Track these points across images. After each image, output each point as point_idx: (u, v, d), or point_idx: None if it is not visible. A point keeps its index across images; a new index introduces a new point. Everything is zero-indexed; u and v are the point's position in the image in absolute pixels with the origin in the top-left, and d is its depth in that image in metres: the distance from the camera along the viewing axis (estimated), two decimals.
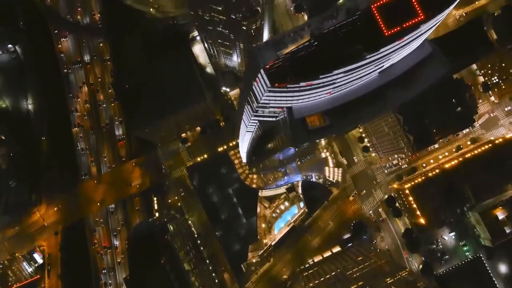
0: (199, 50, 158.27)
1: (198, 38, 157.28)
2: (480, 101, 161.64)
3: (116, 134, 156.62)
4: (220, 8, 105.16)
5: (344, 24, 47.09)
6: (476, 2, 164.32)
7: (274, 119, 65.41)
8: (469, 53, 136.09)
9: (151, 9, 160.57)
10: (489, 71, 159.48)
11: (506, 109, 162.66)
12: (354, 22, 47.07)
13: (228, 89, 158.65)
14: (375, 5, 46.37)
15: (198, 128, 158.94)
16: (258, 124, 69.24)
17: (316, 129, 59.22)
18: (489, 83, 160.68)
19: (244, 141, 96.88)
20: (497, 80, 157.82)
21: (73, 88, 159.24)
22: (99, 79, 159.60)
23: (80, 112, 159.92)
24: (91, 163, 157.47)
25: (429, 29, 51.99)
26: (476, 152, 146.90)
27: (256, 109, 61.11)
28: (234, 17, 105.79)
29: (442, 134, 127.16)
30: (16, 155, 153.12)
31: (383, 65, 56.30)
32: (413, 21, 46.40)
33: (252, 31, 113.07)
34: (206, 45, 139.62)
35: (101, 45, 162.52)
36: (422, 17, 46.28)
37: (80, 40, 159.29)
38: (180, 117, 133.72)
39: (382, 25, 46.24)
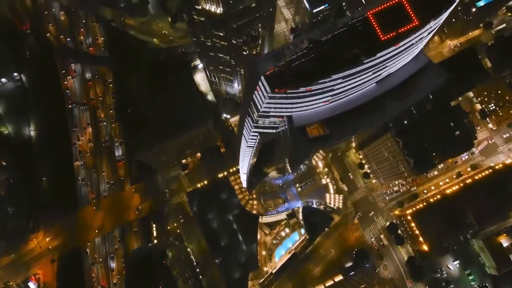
0: (200, 78, 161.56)
1: (199, 66, 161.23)
2: (479, 128, 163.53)
3: (116, 154, 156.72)
4: (221, 34, 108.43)
5: (341, 31, 48.96)
6: (470, 33, 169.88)
7: (274, 130, 66.23)
8: (464, 80, 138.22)
9: (155, 39, 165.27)
10: (486, 98, 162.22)
11: (504, 136, 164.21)
12: (351, 28, 49.01)
13: (228, 116, 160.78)
14: (371, 12, 48.50)
15: (199, 154, 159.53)
16: (258, 137, 69.92)
17: (316, 137, 60.00)
18: (486, 110, 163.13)
19: (245, 160, 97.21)
20: (494, 107, 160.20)
21: (76, 122, 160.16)
22: (100, 98, 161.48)
23: (81, 141, 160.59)
24: (90, 189, 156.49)
25: (425, 37, 53.89)
26: (477, 177, 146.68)
27: (257, 119, 61.95)
28: (235, 42, 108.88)
29: (442, 158, 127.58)
30: (16, 181, 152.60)
31: (381, 74, 57.74)
32: (408, 27, 48.38)
33: (252, 57, 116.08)
34: (207, 72, 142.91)
35: (100, 47, 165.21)
36: (417, 23, 48.24)
37: (86, 82, 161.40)
38: (181, 141, 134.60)
39: (378, 31, 48.16)
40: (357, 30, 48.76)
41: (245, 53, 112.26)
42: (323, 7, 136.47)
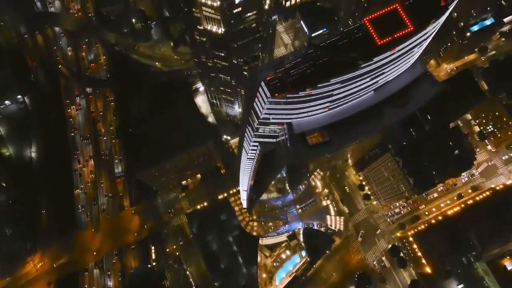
0: (201, 100, 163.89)
1: (201, 89, 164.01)
2: (478, 150, 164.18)
3: (116, 171, 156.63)
4: (222, 54, 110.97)
5: (340, 37, 50.69)
6: (465, 57, 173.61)
7: (274, 139, 66.98)
8: (461, 101, 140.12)
9: (157, 63, 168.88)
10: (484, 120, 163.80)
11: (504, 157, 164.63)
12: (349, 33, 50.77)
13: (229, 137, 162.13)
14: (367, 18, 50.45)
15: (199, 175, 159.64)
16: (258, 147, 70.57)
17: (315, 144, 60.80)
18: (484, 132, 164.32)
19: (245, 175, 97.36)
20: (492, 128, 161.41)
21: (78, 148, 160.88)
22: (101, 113, 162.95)
23: (82, 166, 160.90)
24: (89, 213, 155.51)
25: (421, 44, 55.62)
26: (478, 198, 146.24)
27: (257, 127, 62.76)
28: (235, 62, 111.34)
29: (442, 176, 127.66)
30: (15, 203, 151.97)
31: (378, 80, 59.13)
32: (403, 32, 50.18)
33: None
34: (208, 93, 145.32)
35: (102, 69, 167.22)
36: (411, 28, 50.05)
37: (90, 114, 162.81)
38: (182, 161, 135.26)
39: (374, 35, 49.90)
40: (354, 36, 50.52)
41: (245, 73, 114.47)
42: (321, 31, 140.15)
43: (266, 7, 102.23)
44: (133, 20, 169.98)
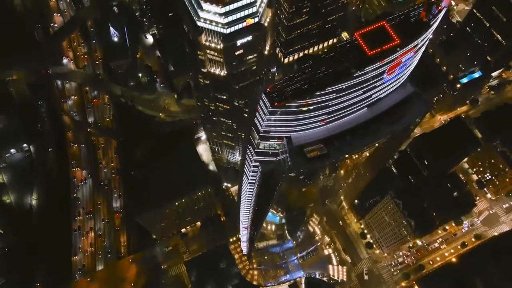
0: (203, 149, 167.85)
1: (202, 138, 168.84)
2: (478, 198, 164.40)
3: (114, 206, 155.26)
4: (224, 97, 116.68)
5: (334, 50, 55.38)
6: (458, 109, 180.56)
7: (274, 158, 69.25)
8: (458, 148, 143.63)
9: (161, 114, 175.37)
10: (481, 168, 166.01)
11: (504, 206, 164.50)
12: (342, 47, 55.57)
13: (229, 185, 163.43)
14: (358, 33, 55.61)
15: (199, 223, 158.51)
16: (259, 168, 72.40)
17: (314, 157, 63.25)
18: (483, 180, 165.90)
19: (245, 205, 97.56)
20: (490, 176, 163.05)
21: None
22: (102, 145, 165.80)
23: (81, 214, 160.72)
24: (85, 261, 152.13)
25: (411, 58, 60.35)
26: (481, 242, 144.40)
27: (258, 142, 65.48)
28: (236, 104, 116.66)
29: (443, 218, 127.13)
30: (11, 251, 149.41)
31: (371, 95, 63.02)
32: (391, 45, 55.05)
33: None
34: (210, 140, 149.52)
35: (107, 119, 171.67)
36: (398, 41, 54.96)
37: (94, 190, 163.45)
38: (182, 204, 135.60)
39: (365, 47, 54.67)
40: (347, 49, 55.36)
41: (246, 115, 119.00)
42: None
43: (266, 52, 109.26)
44: (140, 75, 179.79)
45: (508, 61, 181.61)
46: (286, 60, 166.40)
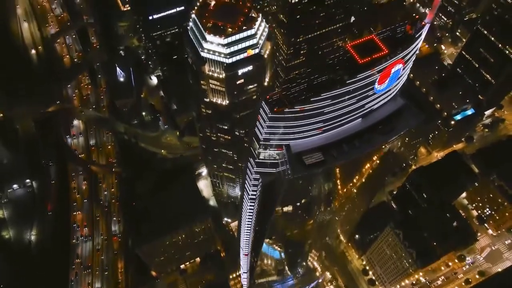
0: (203, 185, 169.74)
1: (203, 174, 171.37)
2: (479, 234, 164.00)
3: (112, 229, 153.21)
4: (226, 127, 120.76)
5: (329, 61, 60.17)
6: (454, 146, 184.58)
7: (274, 169, 71.77)
8: (455, 181, 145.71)
9: (162, 151, 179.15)
10: (480, 204, 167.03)
11: (506, 242, 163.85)
12: (335, 58, 60.40)
13: (229, 220, 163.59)
14: (349, 45, 60.76)
15: (198, 259, 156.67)
16: (260, 181, 74.49)
17: (312, 163, 66.09)
18: (483, 215, 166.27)
19: (246, 228, 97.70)
20: (489, 211, 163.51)
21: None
22: (103, 182, 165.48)
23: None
24: None
25: (400, 70, 64.86)
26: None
27: (258, 152, 68.45)
28: (237, 133, 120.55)
29: (444, 248, 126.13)
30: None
31: (364, 104, 66.96)
32: (380, 54, 59.91)
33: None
34: (210, 173, 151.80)
35: (109, 147, 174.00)
36: (386, 51, 59.85)
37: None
38: (182, 236, 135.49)
39: (356, 57, 59.47)
40: (341, 59, 60.19)
41: (246, 145, 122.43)
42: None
43: (265, 84, 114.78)
44: (143, 113, 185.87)
45: (500, 100, 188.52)
46: None
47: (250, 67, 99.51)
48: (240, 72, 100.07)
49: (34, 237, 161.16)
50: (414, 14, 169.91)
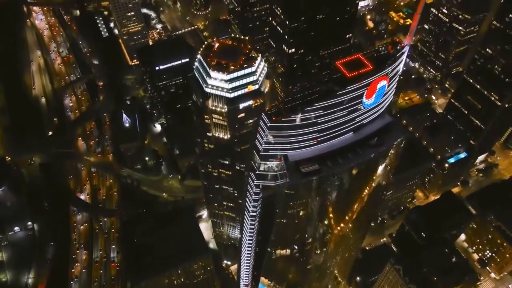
0: (204, 227, 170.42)
1: (203, 216, 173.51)
2: (482, 278, 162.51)
3: (111, 256, 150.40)
4: (227, 162, 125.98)
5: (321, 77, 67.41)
6: (451, 190, 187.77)
7: (273, 182, 76.04)
8: (452, 220, 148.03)
9: (164, 194, 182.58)
10: (480, 246, 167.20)
11: (510, 286, 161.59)
12: (326, 74, 67.66)
13: (229, 262, 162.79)
14: (338, 62, 68.35)
15: None
16: (260, 195, 78.13)
17: (308, 172, 70.83)
18: (484, 258, 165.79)
19: (246, 252, 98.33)
20: (490, 253, 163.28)
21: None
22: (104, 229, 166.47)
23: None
24: None
25: (385, 87, 71.69)
26: None
27: (259, 163, 73.18)
28: (238, 168, 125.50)
29: (444, 284, 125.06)
30: None
31: (355, 118, 73.17)
32: (366, 69, 67.32)
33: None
34: (211, 213, 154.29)
35: (111, 181, 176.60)
36: (371, 67, 67.34)
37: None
38: (181, 273, 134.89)
39: (344, 71, 66.91)
40: (331, 75, 67.49)
41: (245, 179, 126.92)
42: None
43: None
44: (146, 158, 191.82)
45: (491, 146, 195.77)
46: None
47: (250, 102, 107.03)
48: (241, 106, 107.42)
49: (31, 280, 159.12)
50: (395, 38, 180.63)
